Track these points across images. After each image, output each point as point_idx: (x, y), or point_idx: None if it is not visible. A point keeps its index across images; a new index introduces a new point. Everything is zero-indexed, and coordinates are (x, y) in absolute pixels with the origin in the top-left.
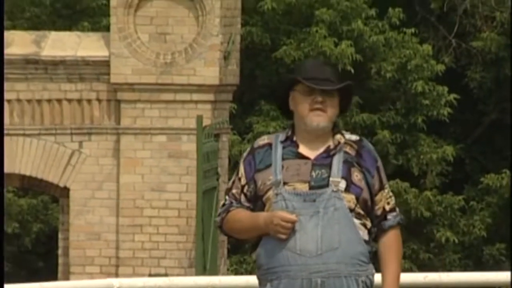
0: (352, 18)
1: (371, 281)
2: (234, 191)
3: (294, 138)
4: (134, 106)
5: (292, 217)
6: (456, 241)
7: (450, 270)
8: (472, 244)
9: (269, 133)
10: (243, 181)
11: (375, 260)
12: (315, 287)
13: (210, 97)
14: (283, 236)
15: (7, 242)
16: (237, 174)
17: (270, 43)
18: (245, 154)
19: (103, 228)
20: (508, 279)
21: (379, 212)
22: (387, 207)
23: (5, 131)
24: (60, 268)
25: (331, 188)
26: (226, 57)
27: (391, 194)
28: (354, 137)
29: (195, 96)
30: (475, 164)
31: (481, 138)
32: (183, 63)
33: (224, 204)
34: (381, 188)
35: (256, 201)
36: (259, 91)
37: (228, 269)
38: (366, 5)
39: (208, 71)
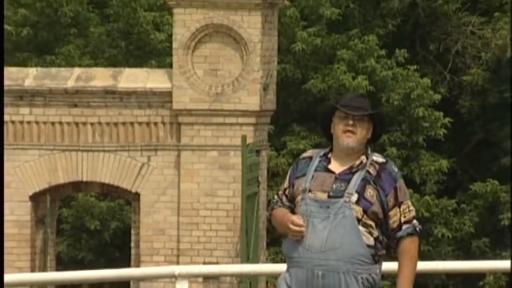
0: (366, 57)
1: (374, 279)
2: (280, 192)
3: (329, 155)
4: (192, 127)
5: (300, 222)
6: (450, 236)
7: (445, 259)
8: (462, 238)
9: (300, 149)
10: (286, 184)
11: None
12: (317, 278)
13: (252, 120)
14: (292, 235)
15: (90, 237)
16: (285, 179)
17: (300, 77)
18: (294, 164)
19: (167, 225)
20: (492, 266)
21: (395, 225)
22: (403, 220)
23: (88, 148)
24: (132, 258)
25: (344, 199)
26: (265, 88)
27: (411, 208)
28: (381, 160)
29: (240, 120)
30: (465, 174)
31: (470, 153)
32: (230, 93)
33: (273, 202)
34: (397, 204)
35: (293, 202)
36: (291, 116)
37: (266, 258)
38: (377, 47)
39: (250, 100)
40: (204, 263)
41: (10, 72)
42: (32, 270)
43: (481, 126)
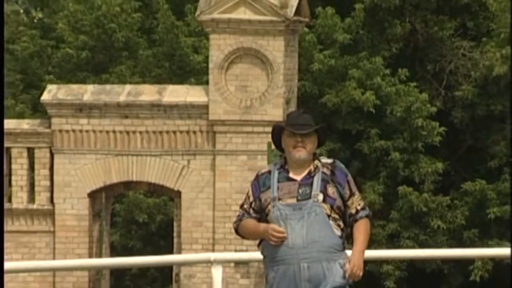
0: (373, 76)
1: (345, 263)
2: (245, 206)
3: (286, 166)
4: (225, 135)
5: (281, 229)
6: (444, 227)
7: (440, 247)
8: (455, 229)
9: (317, 153)
10: (251, 199)
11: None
12: (303, 270)
13: None
14: (273, 243)
15: (139, 228)
16: (247, 194)
17: (317, 93)
18: (252, 180)
19: (204, 218)
20: (480, 253)
21: (353, 211)
22: (359, 207)
23: (137, 153)
24: (175, 246)
25: (313, 199)
26: (287, 102)
27: (360, 198)
28: (330, 161)
29: (266, 129)
30: (457, 175)
31: (461, 157)
32: (258, 106)
33: (238, 215)
34: (351, 195)
35: (262, 212)
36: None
37: None
38: (383, 67)
39: (275, 111)
40: (236, 250)
41: (72, 89)
42: (90, 256)
43: (471, 135)
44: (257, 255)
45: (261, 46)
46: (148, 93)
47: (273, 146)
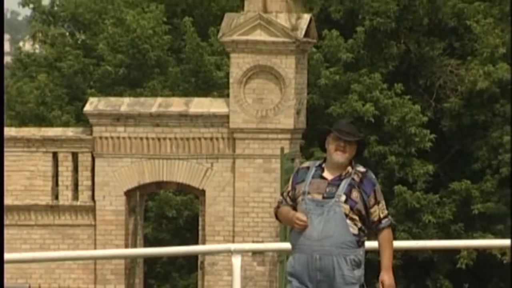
0: (372, 90)
1: (359, 259)
2: (284, 194)
3: (323, 166)
4: (243, 141)
5: (304, 218)
6: (434, 222)
7: (431, 239)
8: (444, 223)
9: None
10: (289, 188)
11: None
12: (315, 261)
13: (288, 136)
14: (297, 228)
15: (169, 222)
16: (288, 183)
17: (324, 104)
18: (294, 171)
19: (225, 214)
20: (465, 244)
21: (375, 219)
22: (381, 215)
23: (167, 157)
24: (200, 238)
25: (335, 199)
26: (298, 112)
27: (385, 207)
28: (363, 169)
29: (280, 136)
30: (445, 176)
31: (449, 161)
32: (272, 116)
33: (278, 201)
34: (376, 203)
35: (295, 201)
36: (316, 132)
37: None
38: (381, 82)
39: (287, 121)
40: (253, 241)
41: (110, 101)
42: (126, 247)
43: (457, 141)
44: (272, 245)
45: (274, 64)
46: (176, 104)
47: (285, 151)
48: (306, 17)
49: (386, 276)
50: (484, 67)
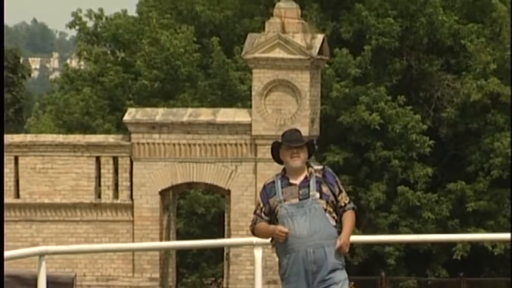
0: (378, 101)
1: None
2: (257, 212)
3: (286, 175)
4: (264, 147)
5: (285, 230)
6: (433, 218)
7: (430, 233)
8: (441, 220)
9: (335, 160)
10: (262, 205)
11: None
12: (310, 255)
13: None
14: (281, 239)
15: (198, 218)
16: (258, 202)
17: (335, 114)
18: (261, 190)
19: (248, 211)
20: (460, 238)
21: (342, 204)
22: (346, 201)
23: (197, 160)
24: (226, 232)
25: (311, 198)
26: (312, 121)
27: (346, 194)
28: (320, 167)
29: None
30: (443, 178)
31: (446, 164)
32: (289, 124)
33: (253, 220)
34: (340, 192)
35: (271, 214)
36: (329, 139)
37: None
38: (385, 94)
39: (303, 129)
40: None
41: (146, 111)
42: (160, 240)
43: (453, 146)
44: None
45: (292, 78)
46: (205, 114)
47: None
48: (320, 37)
49: (345, 236)
50: (477, 81)
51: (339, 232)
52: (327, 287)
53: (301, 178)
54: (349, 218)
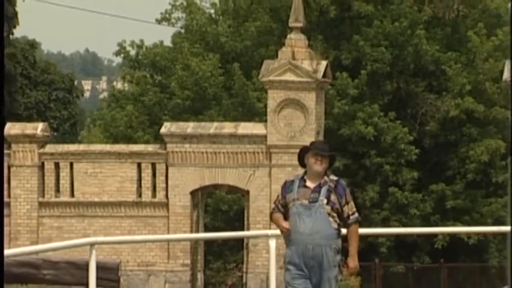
0: (373, 116)
1: (339, 247)
2: (276, 202)
3: (305, 177)
4: (277, 155)
5: (287, 227)
6: (418, 214)
7: (416, 227)
8: (425, 215)
9: (337, 166)
10: (280, 197)
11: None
12: (309, 251)
13: None
14: (283, 234)
15: (223, 214)
16: (278, 194)
17: (337, 128)
18: (282, 185)
19: (264, 208)
20: (441, 230)
21: (346, 215)
22: (350, 212)
23: (221, 166)
24: (245, 226)
25: (319, 203)
26: (317, 133)
27: (353, 206)
28: (335, 178)
29: None
30: (426, 180)
31: (429, 169)
32: (298, 136)
33: (273, 208)
34: (346, 203)
35: (285, 207)
36: (332, 149)
37: None
38: (378, 110)
39: (309, 139)
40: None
41: (179, 125)
42: (191, 232)
43: (435, 154)
44: None
45: (300, 97)
46: (228, 127)
47: None
48: (324, 63)
49: (352, 261)
50: (455, 100)
51: (338, 234)
52: (320, 282)
53: (316, 183)
54: (354, 237)
